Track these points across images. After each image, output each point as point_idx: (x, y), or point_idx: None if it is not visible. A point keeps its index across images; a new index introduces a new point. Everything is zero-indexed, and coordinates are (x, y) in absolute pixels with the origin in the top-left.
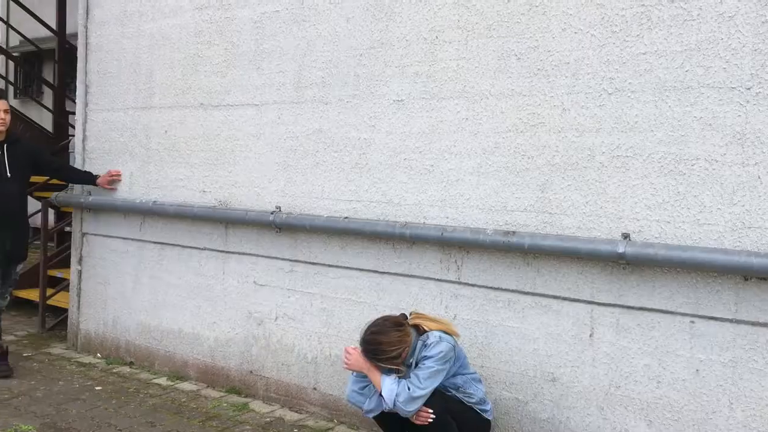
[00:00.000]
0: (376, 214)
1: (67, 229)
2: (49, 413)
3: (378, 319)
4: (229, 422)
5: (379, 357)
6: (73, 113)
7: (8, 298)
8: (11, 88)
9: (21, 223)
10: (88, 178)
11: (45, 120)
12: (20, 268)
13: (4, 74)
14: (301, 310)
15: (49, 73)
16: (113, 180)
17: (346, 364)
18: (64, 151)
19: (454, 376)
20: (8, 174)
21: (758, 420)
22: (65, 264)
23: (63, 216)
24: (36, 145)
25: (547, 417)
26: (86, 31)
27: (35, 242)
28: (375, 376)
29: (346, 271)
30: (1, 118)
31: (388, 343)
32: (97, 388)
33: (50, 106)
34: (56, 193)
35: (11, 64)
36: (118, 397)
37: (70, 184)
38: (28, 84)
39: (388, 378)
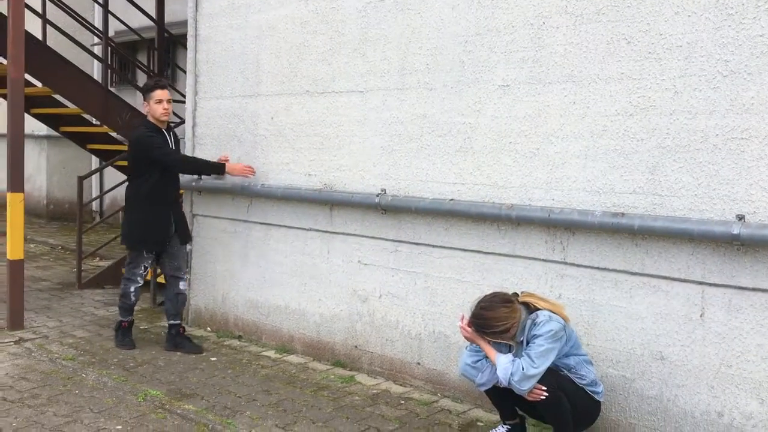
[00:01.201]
0: (481, 197)
1: None
2: (172, 380)
3: (487, 295)
4: (339, 392)
5: (486, 331)
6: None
7: (187, 279)
8: (110, 75)
9: (181, 206)
10: (218, 168)
11: (139, 107)
12: (189, 248)
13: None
14: (405, 289)
15: (143, 62)
16: (246, 171)
17: (464, 335)
18: None
19: (566, 356)
20: None
21: None
22: None
23: None
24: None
25: (655, 394)
26: (195, 23)
27: None
28: (490, 351)
29: (450, 251)
30: (165, 108)
31: (495, 318)
32: (212, 358)
33: None
34: None
35: (109, 51)
36: (233, 367)
37: None
38: (123, 71)
39: (503, 356)
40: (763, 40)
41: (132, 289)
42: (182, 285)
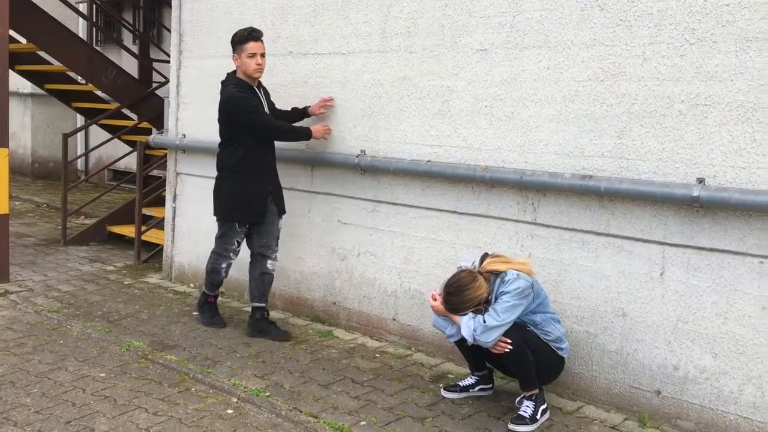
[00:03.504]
0: (457, 159)
1: (154, 173)
2: (155, 333)
3: (452, 279)
4: (317, 346)
5: (459, 312)
6: (157, 60)
7: (276, 258)
8: (95, 34)
9: (277, 175)
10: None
11: (124, 65)
12: (281, 223)
13: (86, 20)
14: (383, 248)
15: (128, 20)
16: (326, 133)
17: (433, 308)
18: (153, 96)
19: (533, 313)
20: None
21: None
22: (151, 204)
23: (145, 159)
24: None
25: (616, 349)
26: None
27: (121, 185)
28: (456, 318)
29: (426, 211)
30: (259, 63)
31: (462, 302)
32: (194, 313)
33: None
34: (153, 135)
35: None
36: None
37: (164, 127)
38: (108, 30)
39: (465, 317)
40: (729, 10)
41: (223, 265)
42: (270, 264)
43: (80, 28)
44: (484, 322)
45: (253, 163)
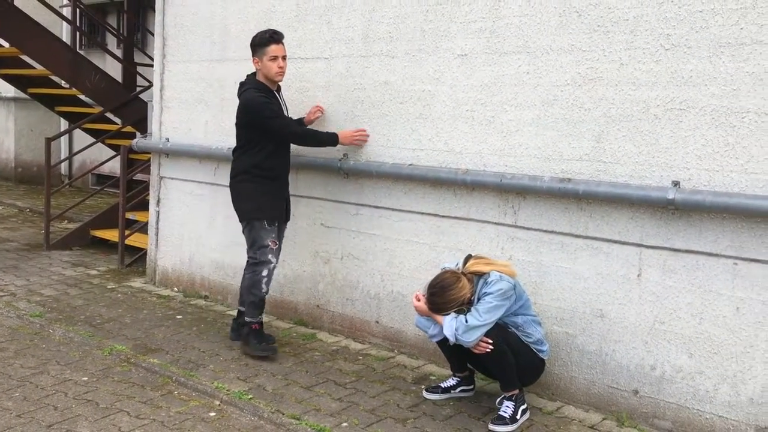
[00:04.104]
0: (438, 162)
1: (138, 177)
2: (138, 336)
3: (435, 279)
4: (300, 349)
5: (442, 311)
6: (140, 64)
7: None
8: (79, 38)
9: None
10: (334, 138)
11: (108, 69)
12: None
13: (70, 24)
14: (365, 251)
15: (112, 24)
16: (356, 138)
17: (416, 309)
18: (137, 100)
19: (515, 315)
20: None
21: None
22: (134, 208)
23: (129, 163)
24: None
25: (595, 349)
26: None
27: (105, 189)
28: (438, 318)
29: (409, 214)
30: (280, 66)
31: (446, 302)
32: (178, 317)
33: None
34: (137, 139)
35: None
36: (198, 325)
37: (148, 131)
38: (92, 34)
39: (447, 317)
40: (702, 16)
41: (264, 273)
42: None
43: (64, 32)
44: (466, 321)
45: (273, 168)
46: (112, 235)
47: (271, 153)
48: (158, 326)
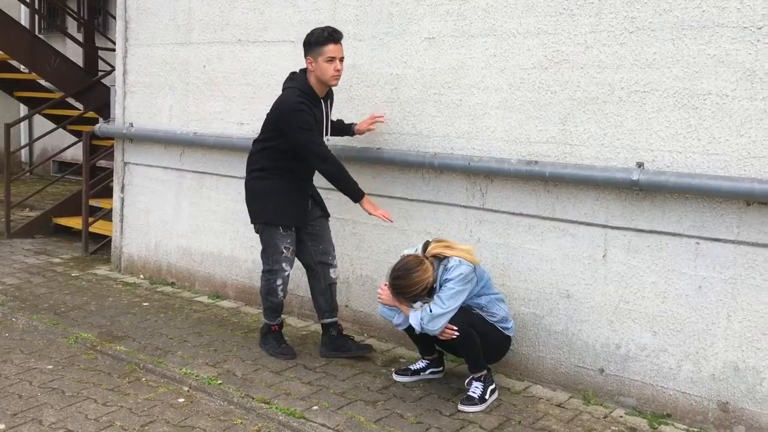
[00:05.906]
0: (407, 146)
1: (101, 163)
2: (104, 324)
3: (399, 264)
4: None
5: (406, 296)
6: (102, 48)
7: (336, 265)
8: (38, 21)
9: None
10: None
11: (69, 54)
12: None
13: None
14: (335, 235)
15: (72, 7)
16: (383, 216)
17: (380, 299)
18: (99, 85)
19: (478, 296)
20: (328, 137)
21: (753, 330)
22: (98, 195)
23: (92, 150)
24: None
25: (562, 329)
26: None
27: (67, 176)
28: (404, 308)
29: (377, 198)
30: (338, 69)
31: (410, 285)
32: (144, 304)
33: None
34: (99, 124)
35: None
36: (165, 312)
37: (111, 116)
38: (52, 17)
39: (412, 312)
40: None
41: (279, 282)
42: (333, 273)
43: (22, 15)
44: (431, 311)
45: (297, 165)
46: (75, 222)
47: (296, 154)
48: (124, 314)
